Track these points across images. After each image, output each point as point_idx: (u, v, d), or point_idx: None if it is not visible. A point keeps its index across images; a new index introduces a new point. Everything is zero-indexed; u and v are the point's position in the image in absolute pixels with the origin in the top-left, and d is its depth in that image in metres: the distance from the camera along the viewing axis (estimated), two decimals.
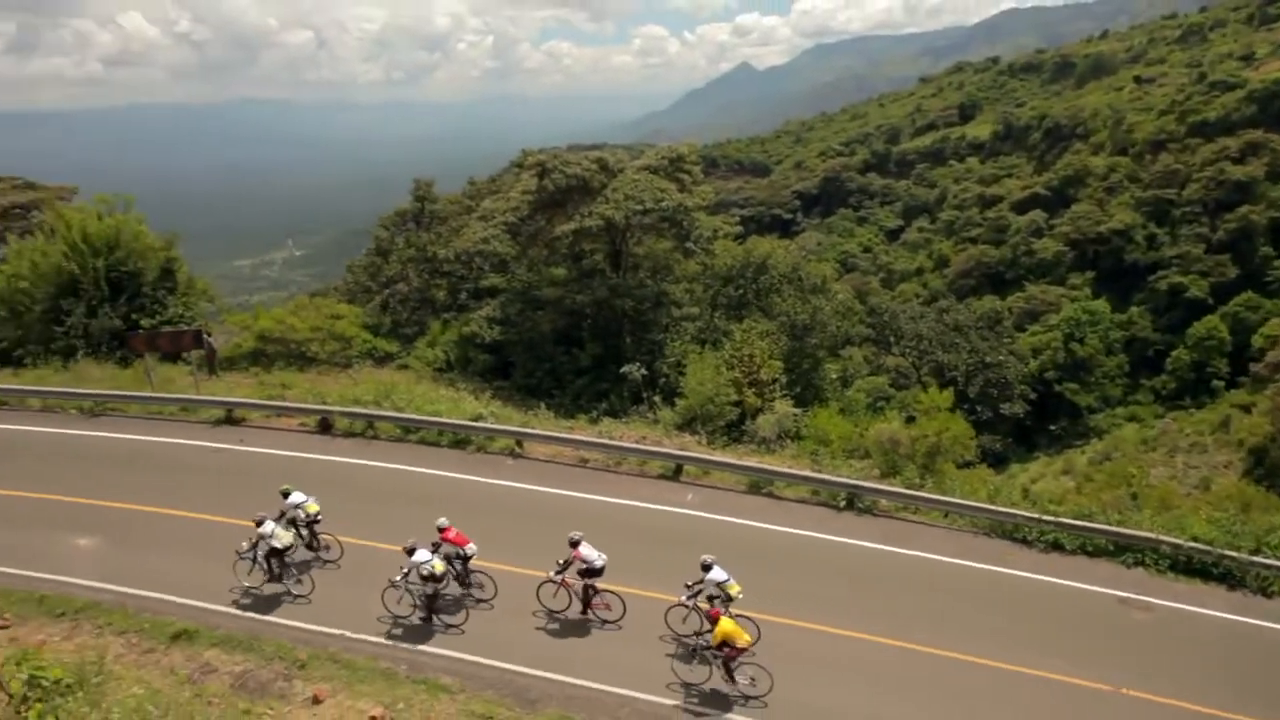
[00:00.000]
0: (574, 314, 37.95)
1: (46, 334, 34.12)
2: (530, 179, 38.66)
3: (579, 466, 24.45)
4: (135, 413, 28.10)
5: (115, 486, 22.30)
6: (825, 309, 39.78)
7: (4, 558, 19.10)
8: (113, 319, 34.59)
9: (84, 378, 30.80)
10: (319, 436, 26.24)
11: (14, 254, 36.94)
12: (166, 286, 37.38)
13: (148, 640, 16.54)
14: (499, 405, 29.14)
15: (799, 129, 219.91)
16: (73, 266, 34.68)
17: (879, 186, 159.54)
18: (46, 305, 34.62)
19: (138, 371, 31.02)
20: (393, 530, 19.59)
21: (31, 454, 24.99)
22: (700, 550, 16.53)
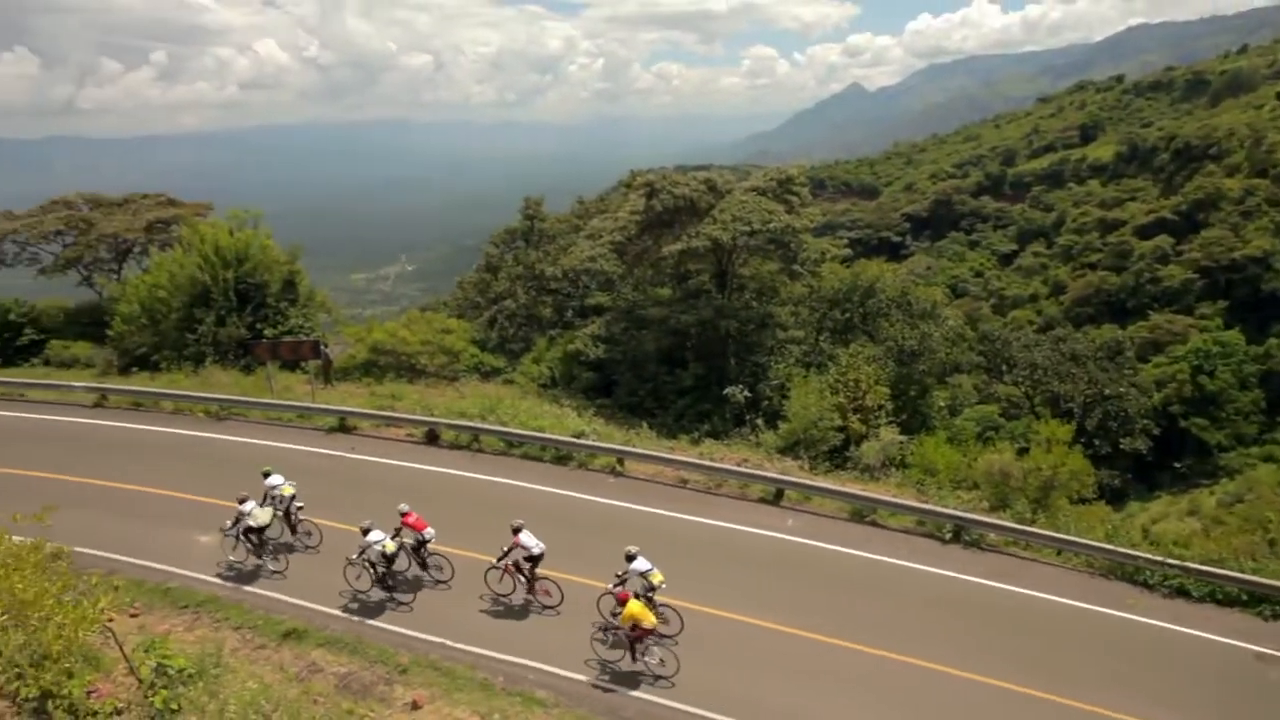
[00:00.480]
0: (678, 334, 38.02)
1: (180, 340, 36.07)
2: (638, 199, 38.99)
3: (679, 487, 24.40)
4: (256, 418, 29.42)
5: (235, 488, 23.34)
6: (934, 335, 38.80)
7: (136, 550, 20.19)
8: (239, 328, 36.35)
9: (211, 383, 32.43)
10: (426, 447, 26.92)
11: (155, 265, 39.31)
12: (289, 298, 39.10)
13: (260, 636, 17.21)
14: (601, 423, 29.39)
15: (909, 150, 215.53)
16: (205, 277, 36.63)
17: (992, 210, 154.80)
18: (181, 313, 36.60)
19: (260, 378, 32.46)
20: (495, 542, 19.98)
21: (163, 453, 26.41)
22: (800, 577, 16.31)
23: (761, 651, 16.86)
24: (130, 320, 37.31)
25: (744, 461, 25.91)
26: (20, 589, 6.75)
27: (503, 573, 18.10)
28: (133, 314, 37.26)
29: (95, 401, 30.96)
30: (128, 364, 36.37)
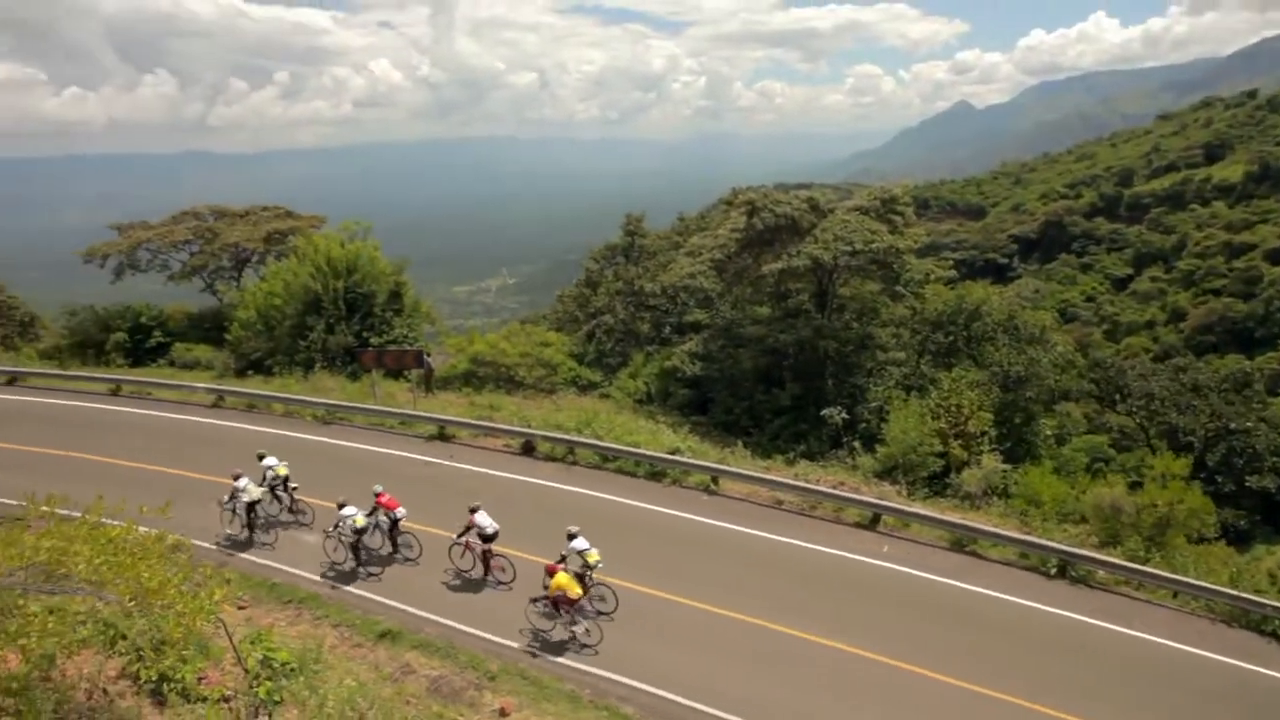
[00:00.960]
0: (776, 353, 37.66)
1: (292, 346, 37.60)
2: (739, 217, 38.86)
3: (773, 508, 24.13)
4: (360, 423, 30.41)
5: (338, 491, 24.13)
6: (1043, 360, 37.38)
7: (248, 546, 21.11)
8: (347, 336, 37.68)
9: (319, 388, 33.67)
10: (522, 458, 27.34)
11: (271, 274, 41.17)
12: (394, 308, 40.35)
13: (357, 635, 17.71)
14: (696, 440, 29.32)
15: (1018, 170, 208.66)
16: (317, 287, 38.14)
17: (1106, 232, 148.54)
18: (294, 320, 38.18)
19: (365, 385, 33.55)
20: None
21: (282, 455, 27.49)
22: (896, 605, 15.90)
23: (857, 681, 16.50)
24: (247, 326, 39.13)
25: (840, 484, 25.45)
26: (146, 577, 7.12)
27: (463, 549, 19.59)
28: (250, 320, 39.07)
29: (214, 402, 32.50)
30: (244, 367, 38.11)
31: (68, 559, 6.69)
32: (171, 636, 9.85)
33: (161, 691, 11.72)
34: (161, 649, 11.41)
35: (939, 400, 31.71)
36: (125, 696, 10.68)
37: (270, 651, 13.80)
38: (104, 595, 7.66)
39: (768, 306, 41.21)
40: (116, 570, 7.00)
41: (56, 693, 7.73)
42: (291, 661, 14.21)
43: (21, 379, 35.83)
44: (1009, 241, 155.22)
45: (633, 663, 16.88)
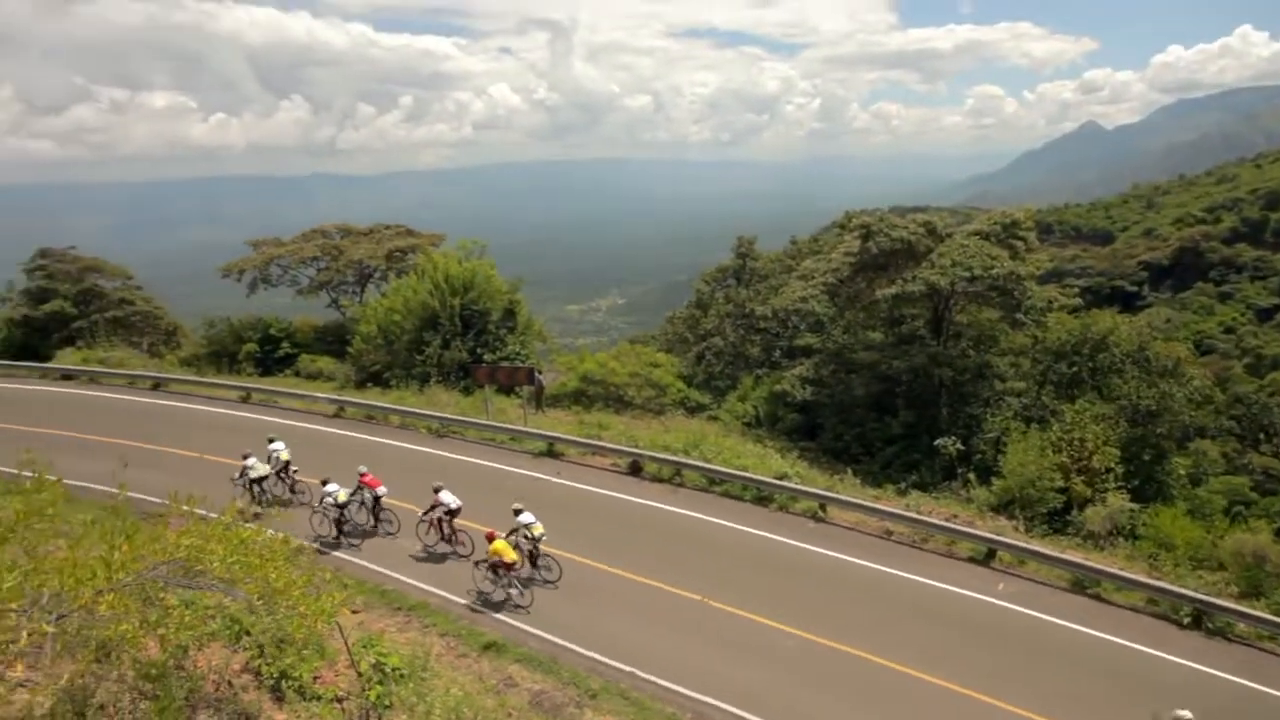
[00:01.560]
0: (888, 380, 36.86)
1: (409, 360, 38.88)
2: (853, 240, 38.31)
3: (882, 538, 23.53)
4: (472, 437, 31.12)
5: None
6: (1176, 395, 35.35)
7: (363, 552, 21.86)
8: (462, 351, 38.72)
9: (434, 401, 34.65)
10: (629, 478, 27.45)
11: (392, 290, 42.76)
12: (508, 326, 41.28)
13: (463, 645, 18.02)
14: (805, 466, 28.92)
15: (1150, 193, 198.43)
16: (435, 303, 39.38)
17: (1249, 259, 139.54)
18: (412, 335, 39.49)
19: (477, 400, 34.35)
20: (687, 576, 20.12)
21: (389, 464, 28.40)
22: (1011, 645, 15.28)
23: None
24: (368, 339, 40.67)
25: (953, 517, 24.66)
26: (274, 578, 7.49)
27: (429, 525, 21.66)
28: (370, 334, 40.60)
29: (335, 412, 33.84)
30: (363, 379, 39.59)
31: (204, 556, 7.10)
32: (294, 636, 10.33)
33: (280, 688, 12.21)
34: (282, 647, 11.90)
35: (1061, 433, 30.40)
36: (248, 690, 11.18)
37: (382, 656, 14.21)
38: (234, 593, 8.07)
39: (881, 332, 40.41)
40: (247, 570, 7.39)
41: (189, 681, 8.16)
42: (402, 667, 14.58)
43: (164, 384, 38.14)
44: (1139, 268, 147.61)
45: (730, 689, 16.69)
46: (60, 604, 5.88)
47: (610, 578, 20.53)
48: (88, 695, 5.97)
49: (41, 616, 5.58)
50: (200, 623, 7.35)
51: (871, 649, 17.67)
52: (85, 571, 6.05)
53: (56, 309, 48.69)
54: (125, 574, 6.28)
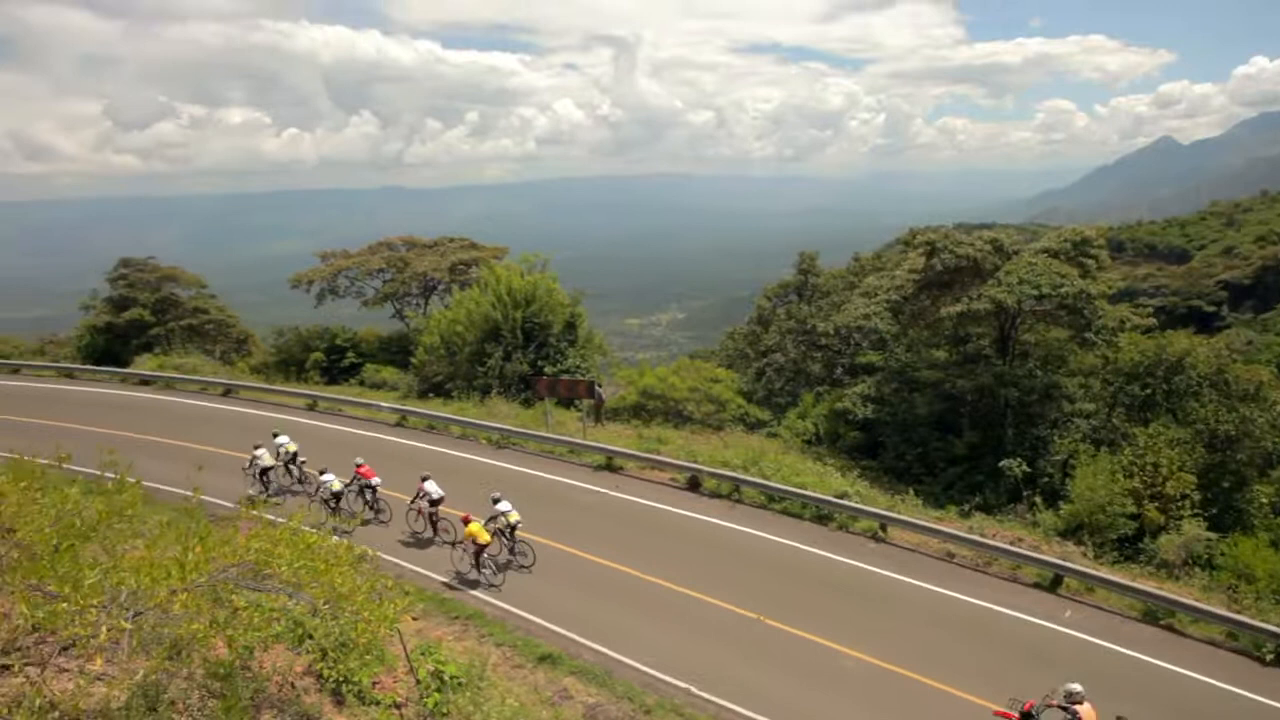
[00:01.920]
0: (952, 399, 36.20)
1: (471, 372, 39.41)
2: (918, 257, 37.80)
3: (944, 560, 23.06)
4: (532, 449, 31.36)
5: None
6: (1258, 420, 33.98)
7: (423, 561, 22.14)
8: (523, 364, 39.13)
9: (494, 412, 35.03)
10: (687, 493, 27.37)
11: (455, 302, 43.46)
12: (569, 339, 41.61)
13: (519, 656, 18.09)
14: (865, 485, 28.51)
15: (1230, 210, 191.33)
16: (497, 316, 39.90)
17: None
18: (474, 347, 40.04)
19: (538, 412, 34.62)
20: (744, 593, 19.97)
21: (450, 474, 28.75)
22: (1082, 675, 14.74)
23: None
24: (431, 350, 41.34)
25: (1018, 541, 24.05)
26: (339, 583, 7.65)
27: (416, 513, 23.32)
28: (433, 345, 41.28)
29: (397, 421, 34.41)
30: (425, 389, 40.23)
31: (272, 560, 7.29)
32: (355, 641, 10.52)
33: (341, 692, 12.41)
34: (343, 652, 12.10)
35: (1133, 457, 29.50)
36: (310, 693, 11.39)
37: (440, 664, 14.36)
38: (301, 596, 8.25)
39: (945, 350, 39.76)
40: (313, 574, 7.56)
41: (254, 682, 8.36)
42: (459, 675, 14.71)
43: (235, 391, 39.22)
44: (1217, 288, 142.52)
45: (786, 710, 16.48)
46: (137, 602, 6.08)
47: (667, 593, 20.49)
48: (160, 691, 6.15)
49: (119, 613, 5.78)
50: (266, 625, 7.51)
51: (932, 673, 17.31)
52: (161, 571, 6.26)
53: (136, 316, 50.51)
54: (198, 575, 6.48)
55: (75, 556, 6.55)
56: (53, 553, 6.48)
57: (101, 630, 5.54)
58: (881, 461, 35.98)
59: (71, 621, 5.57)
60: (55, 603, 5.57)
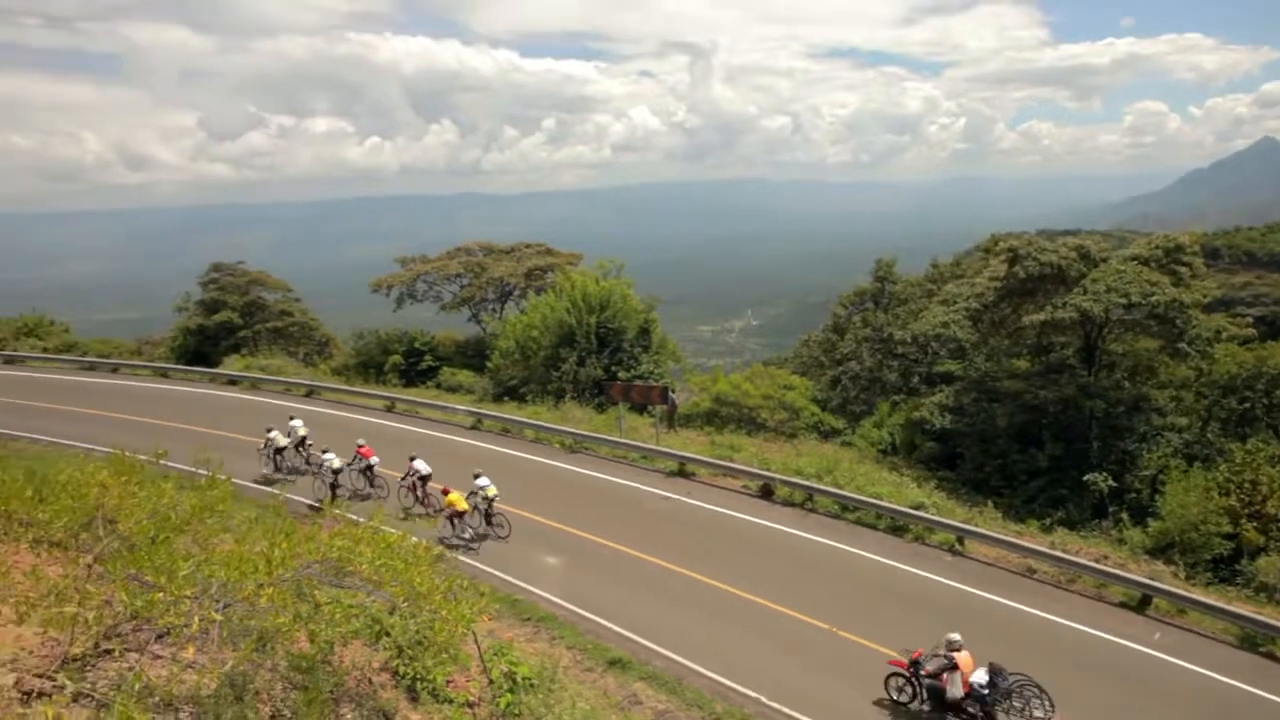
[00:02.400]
0: (1034, 410, 35.17)
1: (545, 376, 39.80)
2: (999, 265, 36.90)
3: (1024, 575, 22.42)
4: (604, 454, 31.51)
5: (581, 517, 25.16)
6: None
7: (498, 563, 22.41)
8: (597, 369, 39.36)
9: (568, 417, 35.30)
10: (759, 500, 27.19)
11: (531, 307, 43.97)
12: (642, 344, 41.73)
13: (589, 659, 18.18)
14: (942, 496, 27.92)
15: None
16: (572, 321, 40.24)
17: None
18: (549, 352, 40.44)
19: (610, 417, 34.76)
20: (816, 603, 19.73)
21: (524, 477, 29.13)
22: (1171, 702, 14.24)
23: None
24: (506, 355, 41.90)
25: (1103, 558, 23.23)
26: (418, 582, 7.82)
27: (406, 489, 25.37)
28: (508, 349, 41.81)
29: (472, 424, 34.94)
30: (500, 393, 40.77)
31: (354, 558, 7.48)
32: (431, 639, 10.72)
33: (416, 689, 12.64)
34: (418, 650, 12.32)
35: (1229, 474, 28.28)
36: (386, 689, 11.63)
37: (514, 665, 14.51)
38: (381, 594, 8.44)
39: (1027, 360, 38.71)
40: (393, 573, 7.74)
41: (334, 676, 8.57)
42: (532, 677, 14.84)
43: (317, 392, 40.34)
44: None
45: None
46: (226, 594, 6.30)
47: (737, 601, 20.38)
48: (247, 681, 6.36)
49: (210, 605, 6.00)
50: (346, 621, 7.71)
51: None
52: (249, 565, 6.48)
53: (225, 319, 52.35)
54: (284, 570, 6.69)
55: (170, 549, 6.83)
56: (150, 544, 6.77)
57: (194, 620, 5.77)
58: (959, 473, 35.17)
59: (166, 611, 5.81)
60: (152, 592, 5.82)
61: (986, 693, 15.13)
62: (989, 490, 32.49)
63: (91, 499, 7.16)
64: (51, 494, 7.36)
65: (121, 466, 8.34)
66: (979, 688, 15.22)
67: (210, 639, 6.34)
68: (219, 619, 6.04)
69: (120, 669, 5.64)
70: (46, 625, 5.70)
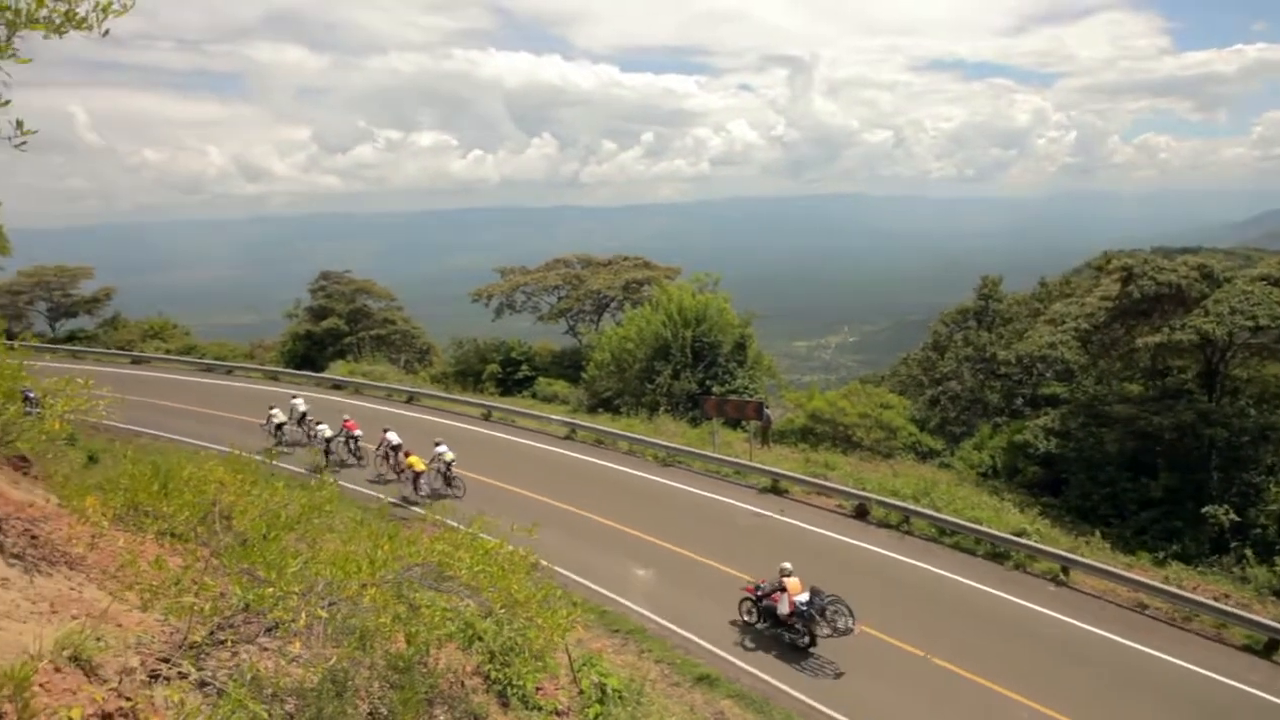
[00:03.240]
0: (1147, 437, 33.57)
1: (640, 389, 39.98)
2: (1112, 284, 35.44)
3: (1134, 611, 21.36)
4: (697, 468, 31.40)
5: (673, 531, 25.12)
6: None
7: (587, 573, 22.54)
8: (691, 382, 39.35)
9: (661, 430, 35.34)
10: (853, 520, 26.68)
11: (627, 319, 44.29)
12: (738, 359, 41.53)
13: (676, 674, 18.09)
14: (1046, 523, 26.86)
15: None
16: (668, 334, 40.35)
17: None
18: (644, 364, 40.62)
19: (704, 432, 34.68)
20: (910, 628, 19.21)
21: (616, 488, 29.30)
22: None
23: None
24: (601, 366, 42.25)
25: (1224, 597, 21.96)
26: (515, 589, 7.92)
27: (381, 458, 28.76)
28: (604, 361, 42.17)
29: (566, 434, 35.30)
30: (594, 404, 41.12)
31: (454, 563, 7.63)
32: (521, 646, 10.85)
33: (506, 694, 12.77)
34: (508, 655, 12.45)
35: None
36: (478, 693, 11.78)
37: (603, 676, 14.54)
38: (480, 599, 8.58)
39: (1140, 384, 37.02)
40: (490, 579, 7.86)
41: (429, 677, 8.74)
42: (621, 689, 14.84)
43: (417, 398, 41.41)
44: None
45: None
46: (332, 592, 6.50)
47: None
48: (347, 678, 6.54)
49: (316, 602, 6.19)
50: (442, 624, 7.86)
51: None
52: (353, 565, 6.67)
53: (332, 325, 54.32)
54: (386, 571, 6.87)
55: (280, 546, 7.10)
56: (261, 540, 7.04)
57: (301, 616, 5.95)
58: (1064, 500, 33.81)
59: (275, 605, 6.01)
60: (263, 587, 6.04)
61: (806, 609, 18.47)
62: (1096, 519, 31.14)
63: (210, 494, 7.50)
64: (175, 488, 7.74)
65: (237, 465, 8.73)
66: (801, 605, 18.56)
67: (314, 635, 6.54)
68: (324, 616, 6.23)
69: (232, 659, 5.88)
70: (168, 613, 5.97)
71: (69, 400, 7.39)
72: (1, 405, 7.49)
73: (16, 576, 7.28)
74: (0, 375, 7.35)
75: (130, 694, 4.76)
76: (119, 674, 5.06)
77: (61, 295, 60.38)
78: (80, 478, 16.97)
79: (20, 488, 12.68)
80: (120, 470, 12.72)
